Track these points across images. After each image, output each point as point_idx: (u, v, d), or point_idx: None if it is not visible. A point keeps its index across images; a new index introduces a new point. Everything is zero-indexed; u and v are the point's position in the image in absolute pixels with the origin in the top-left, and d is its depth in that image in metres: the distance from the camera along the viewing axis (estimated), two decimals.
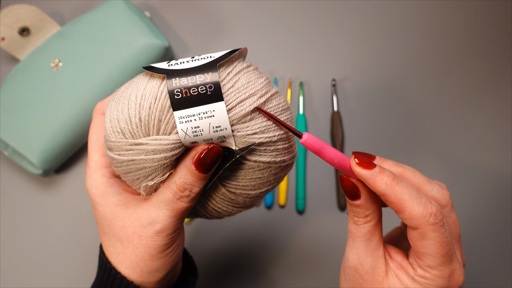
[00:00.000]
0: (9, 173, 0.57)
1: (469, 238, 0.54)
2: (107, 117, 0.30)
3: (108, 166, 0.34)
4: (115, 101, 0.30)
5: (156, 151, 0.29)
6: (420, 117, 0.58)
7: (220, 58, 0.28)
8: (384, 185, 0.29)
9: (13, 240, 0.54)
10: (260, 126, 0.29)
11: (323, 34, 0.61)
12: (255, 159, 0.30)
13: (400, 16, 0.61)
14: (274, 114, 0.30)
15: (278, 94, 0.31)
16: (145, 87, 0.29)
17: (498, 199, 0.55)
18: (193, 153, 0.30)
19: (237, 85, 0.29)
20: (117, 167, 0.31)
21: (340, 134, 0.56)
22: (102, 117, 0.34)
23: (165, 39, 0.56)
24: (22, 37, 0.55)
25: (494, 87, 0.58)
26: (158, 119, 0.28)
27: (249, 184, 0.32)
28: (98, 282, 0.34)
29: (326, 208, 0.55)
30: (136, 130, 0.29)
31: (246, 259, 0.54)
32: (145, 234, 0.31)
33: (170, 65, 0.29)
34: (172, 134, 0.29)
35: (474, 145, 0.57)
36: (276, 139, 0.30)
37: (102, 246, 0.34)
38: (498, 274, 0.52)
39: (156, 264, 0.32)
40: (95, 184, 0.33)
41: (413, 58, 0.60)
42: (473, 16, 0.61)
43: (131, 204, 0.33)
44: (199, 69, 0.28)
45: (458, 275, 0.30)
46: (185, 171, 0.30)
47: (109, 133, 0.30)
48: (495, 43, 0.60)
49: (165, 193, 0.31)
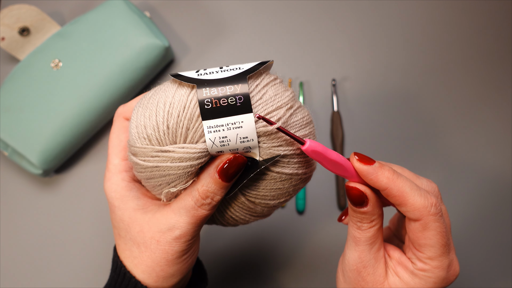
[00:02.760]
0: (9, 173, 0.57)
1: (468, 238, 0.54)
2: (133, 122, 0.31)
3: (128, 170, 0.34)
4: (142, 107, 0.30)
5: (183, 159, 0.29)
6: (420, 117, 0.58)
7: (249, 70, 0.29)
8: (386, 179, 0.29)
9: (13, 240, 0.54)
10: (286, 138, 0.30)
11: (323, 34, 0.61)
12: (278, 170, 0.31)
13: (400, 16, 0.61)
14: (299, 127, 0.30)
15: (302, 107, 0.31)
16: (174, 95, 0.29)
17: (497, 200, 0.55)
18: (218, 162, 0.30)
19: (265, 97, 0.29)
20: (140, 173, 0.31)
21: (340, 134, 0.56)
22: (124, 121, 0.35)
23: (165, 39, 0.56)
24: (22, 37, 0.55)
25: (495, 87, 0.58)
26: (186, 127, 0.29)
27: (269, 194, 0.32)
28: (111, 286, 0.34)
29: (326, 208, 0.55)
30: (163, 137, 0.29)
31: (246, 259, 0.54)
32: (163, 239, 0.31)
33: (199, 75, 0.29)
34: (199, 143, 0.29)
35: (474, 145, 0.57)
36: (300, 152, 0.30)
37: (117, 249, 0.34)
38: (498, 274, 0.52)
39: (172, 269, 0.32)
40: (114, 188, 0.33)
41: (413, 58, 0.60)
42: (473, 17, 0.61)
43: (150, 209, 0.33)
44: (229, 80, 0.28)
45: (456, 265, 0.31)
46: (208, 179, 0.30)
47: (134, 139, 0.30)
48: (496, 43, 0.60)
49: (187, 200, 0.31)
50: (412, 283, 0.30)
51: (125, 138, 0.34)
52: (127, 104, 0.35)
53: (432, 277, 0.30)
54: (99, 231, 0.54)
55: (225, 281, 0.53)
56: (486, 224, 0.54)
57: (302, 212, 0.55)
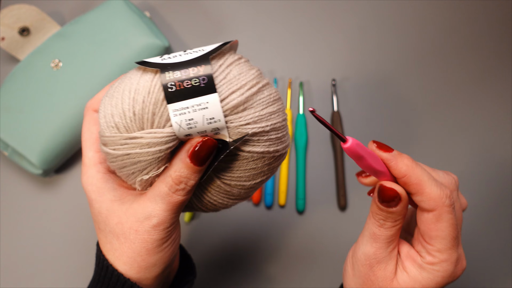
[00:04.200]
0: (9, 173, 0.57)
1: (468, 238, 0.54)
2: (101, 112, 0.31)
3: (103, 162, 0.34)
4: (108, 96, 0.30)
5: (151, 144, 0.29)
6: (420, 117, 0.58)
7: (212, 51, 0.29)
8: (406, 167, 0.29)
9: (13, 240, 0.54)
10: (253, 116, 0.29)
11: (323, 34, 0.61)
12: (249, 150, 0.31)
13: (400, 16, 0.61)
14: (266, 104, 0.30)
15: (269, 85, 0.31)
16: (139, 81, 0.29)
17: (497, 199, 0.55)
18: (188, 146, 0.30)
19: (229, 76, 0.29)
20: (112, 162, 0.31)
21: None
22: (93, 114, 0.34)
23: (165, 39, 0.56)
24: (22, 37, 0.55)
25: (495, 88, 0.58)
26: (152, 112, 0.29)
27: (243, 175, 0.32)
28: (96, 280, 0.34)
29: (326, 208, 0.55)
30: (131, 124, 0.29)
31: (246, 259, 0.54)
32: (141, 228, 0.31)
33: (163, 59, 0.29)
34: (166, 127, 0.29)
35: (475, 144, 0.57)
36: (269, 129, 0.30)
37: (99, 243, 0.34)
38: (498, 274, 0.52)
39: (153, 259, 0.32)
40: (90, 181, 0.33)
41: (413, 58, 0.60)
42: (474, 17, 0.61)
43: (126, 199, 0.32)
44: (192, 62, 0.28)
45: (463, 260, 0.31)
46: (180, 164, 0.30)
47: (103, 128, 0.30)
48: (497, 44, 0.60)
49: (161, 187, 0.31)
50: (420, 277, 0.30)
51: (96, 130, 0.34)
52: (94, 96, 0.35)
53: (440, 270, 0.30)
54: None
55: (225, 281, 0.53)
56: (486, 224, 0.54)
57: (302, 212, 0.55)
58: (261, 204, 0.55)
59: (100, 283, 0.33)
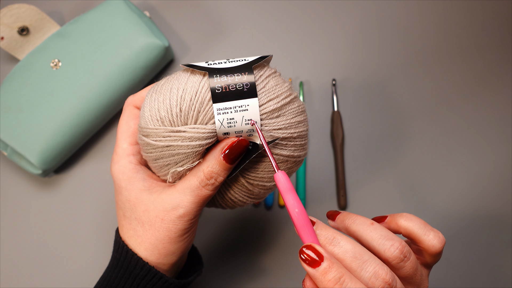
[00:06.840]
0: (8, 173, 0.56)
1: (467, 238, 0.54)
2: (146, 106, 0.33)
3: (136, 154, 0.36)
4: (155, 93, 0.33)
5: (193, 138, 0.32)
6: (420, 117, 0.58)
7: (254, 62, 0.33)
8: (332, 284, 0.27)
9: (13, 240, 0.54)
10: (285, 123, 0.33)
11: (323, 34, 0.60)
12: (277, 152, 0.34)
13: (401, 16, 0.61)
14: (296, 113, 0.34)
15: (298, 97, 0.35)
16: (187, 82, 0.32)
17: (497, 200, 0.55)
18: (223, 144, 0.33)
19: (267, 86, 0.33)
20: (149, 153, 0.33)
21: (340, 134, 0.56)
22: (133, 109, 0.37)
23: (165, 39, 0.56)
24: (21, 37, 0.55)
25: (497, 89, 0.59)
26: (198, 110, 0.32)
27: (266, 176, 0.35)
28: (113, 266, 0.36)
29: (326, 208, 0.55)
30: (176, 119, 0.32)
31: (247, 259, 0.54)
32: (167, 217, 0.33)
33: (209, 64, 0.33)
34: (208, 124, 0.32)
35: (475, 144, 0.57)
36: (296, 136, 0.34)
37: (120, 230, 0.36)
38: (499, 274, 0.52)
39: (173, 247, 0.34)
40: (122, 170, 0.35)
41: (414, 58, 0.60)
42: (475, 18, 0.61)
43: (155, 189, 0.35)
44: (237, 69, 0.32)
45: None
46: (213, 160, 0.33)
47: (147, 121, 0.33)
48: (499, 45, 0.60)
49: (192, 180, 0.33)
50: None
51: (134, 125, 0.36)
52: (136, 94, 0.37)
53: None
54: (98, 231, 0.54)
55: (225, 281, 0.53)
56: (486, 224, 0.54)
57: None
58: (261, 204, 0.55)
59: (119, 268, 0.35)
